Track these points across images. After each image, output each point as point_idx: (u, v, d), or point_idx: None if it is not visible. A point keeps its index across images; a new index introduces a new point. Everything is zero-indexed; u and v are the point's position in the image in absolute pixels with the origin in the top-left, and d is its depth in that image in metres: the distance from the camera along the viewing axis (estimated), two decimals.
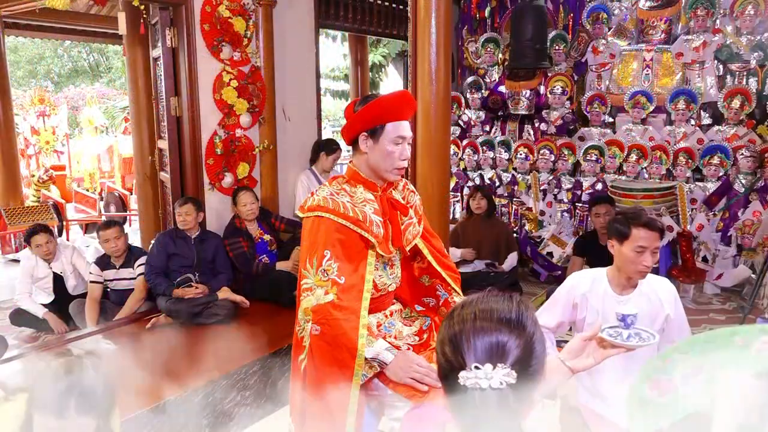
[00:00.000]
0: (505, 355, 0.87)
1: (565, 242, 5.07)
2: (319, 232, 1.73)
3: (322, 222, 1.74)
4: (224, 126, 4.21)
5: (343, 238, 1.73)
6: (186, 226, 3.81)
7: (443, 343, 0.93)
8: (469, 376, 0.85)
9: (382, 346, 1.69)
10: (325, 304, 1.67)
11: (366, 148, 1.79)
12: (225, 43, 4.09)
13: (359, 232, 1.75)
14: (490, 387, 0.84)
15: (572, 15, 5.49)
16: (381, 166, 1.80)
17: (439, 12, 3.17)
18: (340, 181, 1.86)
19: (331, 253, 1.70)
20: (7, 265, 6.14)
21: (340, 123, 17.50)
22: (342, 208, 1.75)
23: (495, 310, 0.92)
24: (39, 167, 9.46)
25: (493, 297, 0.96)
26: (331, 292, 1.68)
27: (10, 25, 7.07)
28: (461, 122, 6.05)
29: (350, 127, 1.81)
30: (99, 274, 3.93)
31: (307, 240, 1.77)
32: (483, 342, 0.88)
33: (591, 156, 5.13)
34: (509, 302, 0.94)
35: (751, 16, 4.53)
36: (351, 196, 1.81)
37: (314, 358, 1.72)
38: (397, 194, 1.94)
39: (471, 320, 0.91)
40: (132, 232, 6.39)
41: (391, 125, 1.77)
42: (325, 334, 1.68)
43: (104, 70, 19.41)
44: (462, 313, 0.94)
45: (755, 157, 4.42)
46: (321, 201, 1.77)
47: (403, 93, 1.82)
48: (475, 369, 0.85)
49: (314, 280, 1.71)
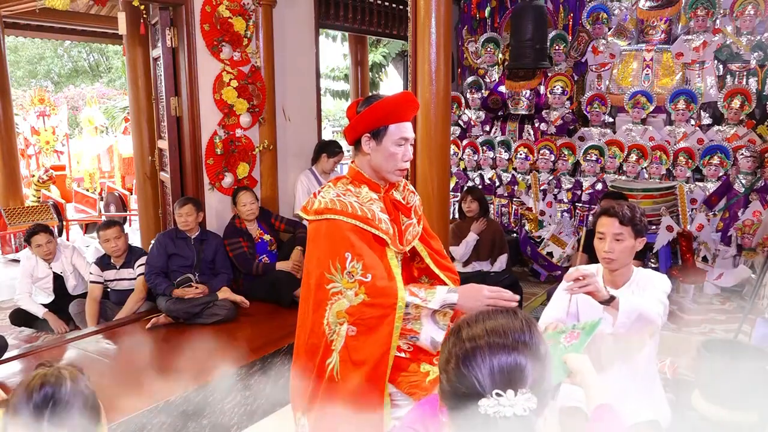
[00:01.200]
0: (524, 378, 0.85)
1: (565, 242, 5.07)
2: (334, 234, 1.73)
3: (334, 224, 1.74)
4: (224, 126, 4.21)
5: (358, 237, 1.73)
6: (187, 227, 3.81)
7: (450, 361, 0.90)
8: (490, 405, 0.83)
9: (443, 291, 1.74)
10: (359, 305, 1.69)
11: (368, 149, 1.79)
12: (225, 43, 4.09)
13: (371, 230, 1.76)
14: (514, 415, 0.82)
15: (572, 15, 5.49)
16: (383, 167, 1.80)
17: (439, 12, 3.17)
18: (344, 182, 1.86)
19: (351, 255, 1.71)
20: (7, 265, 6.14)
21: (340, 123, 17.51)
22: (350, 209, 1.75)
23: (507, 330, 0.90)
24: (39, 167, 9.46)
25: (500, 314, 0.93)
26: (361, 293, 1.70)
27: (10, 25, 7.08)
28: (461, 122, 6.05)
29: (353, 128, 1.81)
30: (99, 275, 3.93)
31: (322, 244, 1.76)
32: (499, 364, 0.85)
33: (591, 156, 5.13)
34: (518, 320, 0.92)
35: (751, 16, 4.52)
36: (357, 196, 1.80)
37: (348, 360, 1.73)
38: (397, 195, 1.94)
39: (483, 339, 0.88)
40: (132, 232, 6.39)
41: (394, 126, 1.77)
42: (361, 334, 1.70)
43: (104, 70, 19.43)
44: (471, 331, 0.91)
45: (755, 157, 4.41)
46: (329, 203, 1.76)
47: (406, 94, 1.83)
48: (497, 396, 0.83)
49: (342, 283, 1.72)
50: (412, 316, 1.75)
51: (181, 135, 4.20)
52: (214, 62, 4.10)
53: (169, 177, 4.33)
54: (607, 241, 2.01)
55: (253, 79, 4.29)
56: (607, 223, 2.02)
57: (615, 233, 2.00)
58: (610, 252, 2.01)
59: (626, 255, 2.02)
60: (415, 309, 1.74)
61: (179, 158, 4.25)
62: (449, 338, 0.94)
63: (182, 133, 4.18)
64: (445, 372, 0.90)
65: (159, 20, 4.06)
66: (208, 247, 3.90)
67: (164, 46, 4.09)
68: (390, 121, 1.76)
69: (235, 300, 3.78)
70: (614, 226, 2.00)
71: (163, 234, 3.91)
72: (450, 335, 0.94)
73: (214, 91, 4.12)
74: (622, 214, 2.00)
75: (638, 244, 2.03)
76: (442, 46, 3.21)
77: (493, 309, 0.96)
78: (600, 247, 2.04)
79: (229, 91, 4.16)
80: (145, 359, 3.20)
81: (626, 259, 2.04)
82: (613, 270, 2.06)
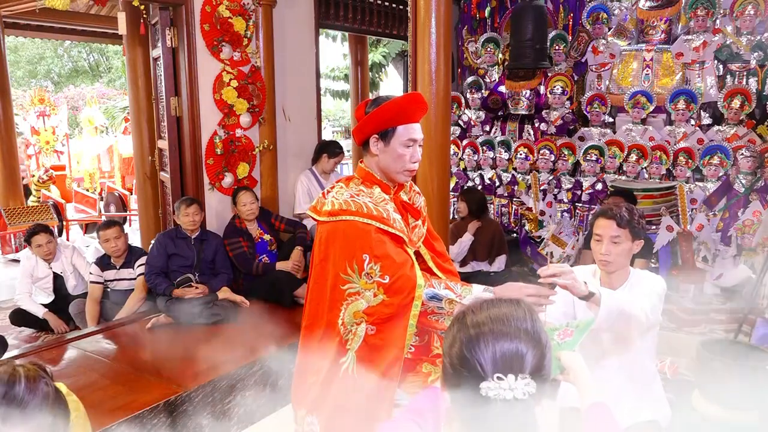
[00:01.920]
0: (524, 364, 0.89)
1: (565, 242, 5.07)
2: (351, 235, 1.73)
3: (351, 225, 1.73)
4: (224, 126, 4.21)
5: (375, 237, 1.72)
6: (194, 226, 3.81)
7: (453, 345, 0.93)
8: (491, 387, 0.87)
9: (479, 289, 1.71)
10: (378, 306, 1.70)
11: (377, 150, 1.79)
12: (225, 43, 4.09)
13: (388, 230, 1.75)
14: (514, 398, 0.86)
15: (572, 15, 5.49)
16: (391, 168, 1.80)
17: (439, 12, 3.17)
18: (356, 182, 1.85)
19: (369, 256, 1.70)
20: (7, 265, 6.14)
21: (340, 123, 17.52)
22: (366, 209, 1.74)
23: (510, 318, 0.93)
24: (39, 167, 9.46)
25: (504, 303, 0.97)
26: (380, 294, 1.70)
27: (10, 25, 7.08)
28: (461, 122, 6.05)
29: (361, 129, 1.81)
30: (99, 274, 3.94)
31: (338, 245, 1.76)
32: (502, 350, 0.89)
33: (591, 156, 5.13)
34: (520, 309, 0.95)
35: (751, 16, 4.52)
36: (370, 197, 1.80)
37: (366, 360, 1.74)
38: (404, 196, 1.94)
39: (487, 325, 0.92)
40: (132, 232, 6.39)
41: (402, 127, 1.77)
42: (381, 332, 1.71)
43: (104, 70, 19.43)
44: (475, 317, 0.94)
45: (755, 157, 4.41)
46: (344, 204, 1.76)
47: (415, 95, 1.82)
48: (498, 380, 0.87)
49: (360, 284, 1.72)
50: (446, 311, 1.73)
51: (181, 135, 4.20)
52: (214, 62, 4.10)
53: (169, 177, 4.34)
54: (605, 243, 1.99)
55: (253, 79, 4.29)
56: (604, 224, 2.00)
57: (612, 235, 1.97)
58: (606, 254, 1.99)
59: (623, 257, 2.00)
60: (449, 304, 1.71)
61: (179, 158, 4.25)
62: (454, 324, 0.97)
63: (182, 133, 4.18)
64: (448, 356, 0.94)
65: (159, 20, 4.06)
66: (208, 247, 3.90)
67: (164, 46, 4.09)
68: (398, 122, 1.76)
69: (235, 300, 3.78)
70: (612, 228, 1.98)
71: (163, 234, 3.91)
72: (455, 321, 0.97)
73: (214, 91, 4.12)
74: (620, 216, 1.98)
75: (635, 247, 2.02)
76: (442, 46, 3.21)
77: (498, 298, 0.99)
78: (597, 249, 2.02)
79: (229, 91, 4.16)
80: (145, 359, 3.20)
81: (623, 262, 2.02)
82: (609, 272, 2.04)
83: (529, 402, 0.87)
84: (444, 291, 1.71)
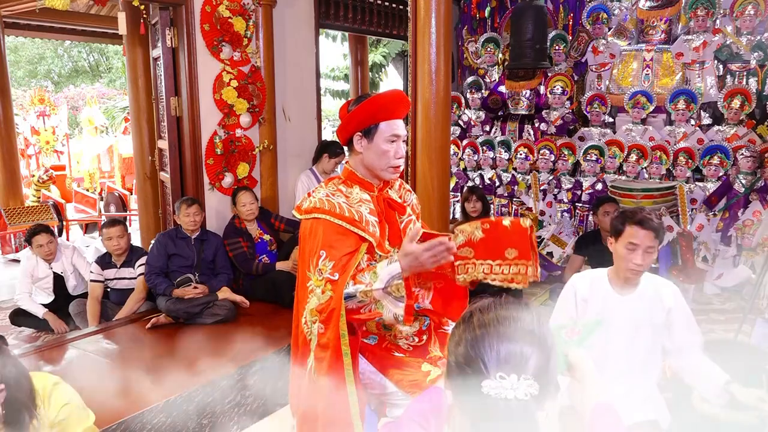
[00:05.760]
0: (527, 366, 0.89)
1: (565, 242, 5.07)
2: (317, 234, 1.74)
3: (320, 223, 1.74)
4: (224, 126, 4.21)
5: (340, 238, 1.72)
6: (195, 226, 3.82)
7: (459, 344, 0.94)
8: (493, 386, 0.87)
9: (383, 267, 1.64)
10: (325, 303, 1.68)
11: (361, 147, 1.80)
12: (225, 43, 4.09)
13: (356, 231, 1.75)
14: (515, 398, 0.86)
15: (572, 15, 5.49)
16: (376, 165, 1.80)
17: (439, 12, 3.17)
18: (336, 182, 1.86)
19: (326, 254, 1.70)
20: (7, 265, 6.14)
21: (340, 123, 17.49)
22: (338, 209, 1.75)
23: (516, 319, 0.94)
24: (39, 167, 9.46)
25: (512, 305, 0.98)
26: (327, 290, 1.68)
27: (10, 25, 7.08)
28: (461, 122, 6.05)
29: (345, 127, 1.82)
30: (100, 273, 3.94)
31: (306, 242, 1.77)
32: (506, 350, 0.90)
33: (591, 156, 5.13)
34: (528, 311, 0.96)
35: (751, 16, 4.53)
36: (347, 197, 1.81)
37: (320, 360, 1.72)
38: (393, 193, 1.94)
39: (493, 326, 0.93)
40: (132, 232, 6.38)
41: (384, 124, 1.77)
42: (326, 330, 1.69)
43: (104, 70, 19.44)
44: (482, 318, 0.95)
45: (755, 157, 4.41)
46: (317, 203, 1.77)
47: (396, 91, 1.82)
48: (500, 379, 0.87)
49: (314, 280, 1.72)
50: (367, 301, 1.71)
51: (181, 135, 4.20)
52: (214, 62, 4.10)
53: (169, 177, 4.34)
54: (640, 253, 1.96)
55: (253, 79, 4.29)
56: (642, 235, 1.95)
57: (649, 246, 1.95)
58: (642, 265, 1.97)
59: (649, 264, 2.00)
60: (364, 295, 1.67)
61: (179, 158, 4.25)
62: (460, 323, 0.98)
63: (182, 133, 4.18)
64: (453, 354, 0.95)
65: (159, 20, 4.06)
66: (208, 247, 3.90)
67: (164, 46, 4.09)
68: (380, 118, 1.76)
69: (235, 300, 3.78)
70: (650, 239, 1.95)
71: (163, 234, 3.91)
72: (461, 321, 0.98)
73: (214, 91, 4.12)
74: (656, 227, 1.95)
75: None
76: (442, 46, 3.21)
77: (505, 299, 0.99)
78: (630, 258, 1.97)
79: (229, 91, 4.16)
80: (146, 359, 3.20)
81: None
82: (634, 279, 2.04)
83: (531, 404, 0.88)
84: (353, 288, 1.66)
